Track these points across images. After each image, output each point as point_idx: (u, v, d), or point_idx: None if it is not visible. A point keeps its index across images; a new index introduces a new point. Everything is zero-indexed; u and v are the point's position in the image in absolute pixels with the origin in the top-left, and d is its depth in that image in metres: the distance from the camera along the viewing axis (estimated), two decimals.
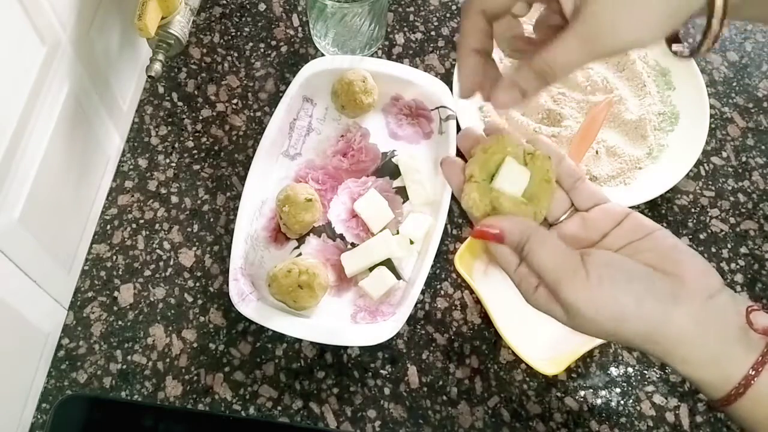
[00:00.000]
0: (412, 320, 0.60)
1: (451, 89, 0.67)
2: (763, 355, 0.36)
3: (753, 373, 0.36)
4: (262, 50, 0.73)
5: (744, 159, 0.69)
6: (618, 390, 0.59)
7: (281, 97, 0.66)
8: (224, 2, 0.75)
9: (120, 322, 0.60)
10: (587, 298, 0.37)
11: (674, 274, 0.37)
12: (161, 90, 0.70)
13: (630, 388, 0.59)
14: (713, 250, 0.65)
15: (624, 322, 0.37)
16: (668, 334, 0.36)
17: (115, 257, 0.62)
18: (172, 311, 0.61)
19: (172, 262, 0.63)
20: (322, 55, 0.72)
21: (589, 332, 0.38)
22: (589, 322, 0.37)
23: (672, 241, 0.39)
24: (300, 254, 0.62)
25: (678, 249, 0.39)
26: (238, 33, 0.74)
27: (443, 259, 0.63)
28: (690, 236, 0.65)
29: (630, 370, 0.59)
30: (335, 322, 0.59)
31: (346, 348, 0.59)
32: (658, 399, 0.58)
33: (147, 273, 0.62)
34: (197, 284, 0.62)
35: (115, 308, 0.61)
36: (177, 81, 0.71)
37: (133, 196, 0.65)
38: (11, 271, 0.51)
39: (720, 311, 0.37)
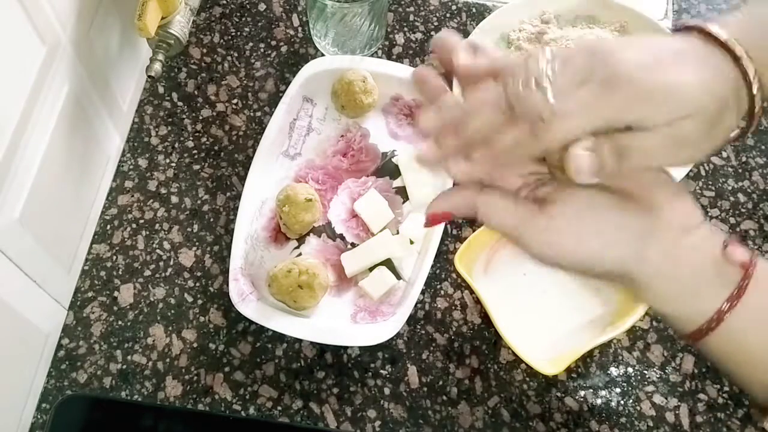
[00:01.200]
0: (412, 320, 0.60)
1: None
2: (739, 288, 0.36)
3: (726, 306, 0.35)
4: (262, 50, 0.73)
5: (744, 159, 0.69)
6: (618, 390, 0.59)
7: (281, 97, 0.66)
8: (224, 2, 0.75)
9: (120, 322, 0.60)
10: (551, 247, 0.36)
11: (651, 207, 0.36)
12: (161, 90, 0.70)
13: (630, 388, 0.59)
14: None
15: (595, 262, 0.36)
16: (642, 271, 0.36)
17: (115, 257, 0.62)
18: (172, 311, 0.61)
19: (172, 262, 0.63)
20: (322, 55, 0.72)
21: (558, 268, 0.37)
22: (556, 264, 0.37)
23: (653, 174, 0.38)
24: (300, 254, 0.62)
25: (659, 180, 0.38)
26: (238, 33, 0.74)
27: (443, 259, 0.63)
28: None
29: (630, 370, 0.59)
30: (335, 322, 0.59)
31: (346, 348, 0.59)
32: (658, 399, 0.58)
33: (147, 273, 0.62)
34: (197, 284, 0.62)
35: (115, 308, 0.61)
36: (177, 81, 0.71)
37: (133, 196, 0.65)
38: (11, 271, 0.51)
39: (696, 245, 0.36)
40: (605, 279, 0.38)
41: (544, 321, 0.59)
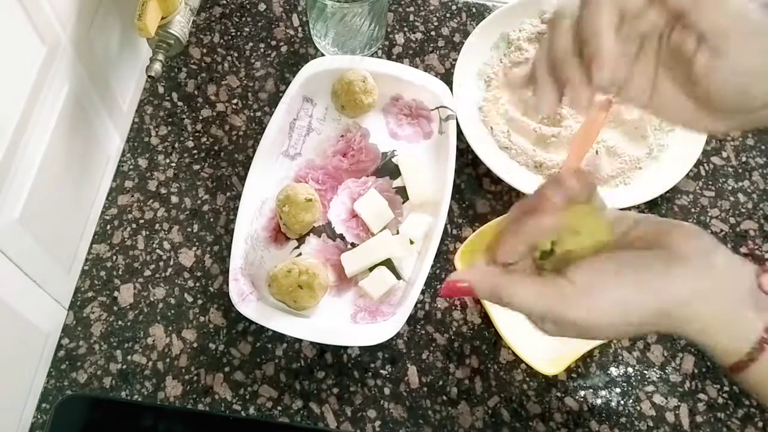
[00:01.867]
0: (412, 320, 0.60)
1: (451, 89, 0.67)
2: None
3: (767, 336, 0.35)
4: (262, 50, 0.73)
5: (744, 159, 0.69)
6: (618, 390, 0.59)
7: (281, 97, 0.66)
8: (224, 2, 0.75)
9: (120, 322, 0.60)
10: (585, 308, 0.36)
11: (665, 246, 0.37)
12: (161, 90, 0.70)
13: (630, 388, 0.59)
14: None
15: (630, 311, 0.36)
16: (676, 301, 0.36)
17: (115, 257, 0.63)
18: (172, 311, 0.61)
19: (172, 262, 0.63)
20: (322, 55, 0.72)
21: (604, 336, 0.38)
22: (598, 327, 0.37)
23: (657, 219, 0.39)
24: (300, 254, 0.62)
25: (664, 222, 0.38)
26: (238, 33, 0.74)
27: (443, 259, 0.63)
28: None
29: (630, 370, 0.59)
30: (335, 322, 0.59)
31: (346, 348, 0.59)
32: (658, 399, 0.58)
33: (147, 273, 0.62)
34: (197, 284, 0.62)
35: (115, 308, 0.61)
36: (177, 81, 0.71)
37: (133, 196, 0.65)
38: (11, 271, 0.51)
39: (724, 270, 0.36)
40: (647, 328, 0.38)
41: None
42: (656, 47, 0.36)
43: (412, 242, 0.62)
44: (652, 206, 0.66)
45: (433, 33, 0.74)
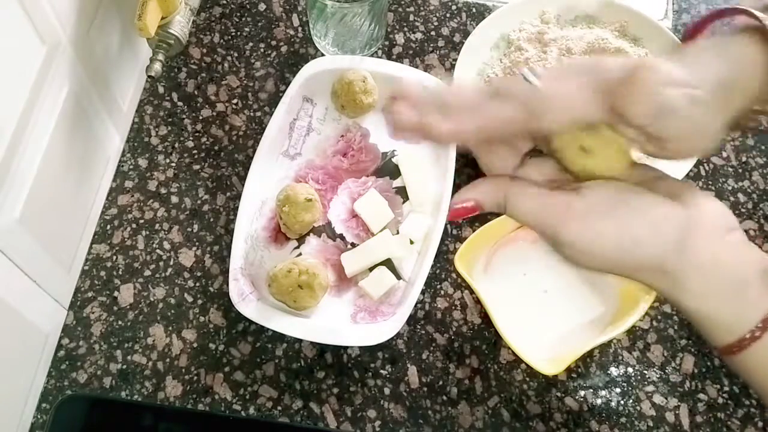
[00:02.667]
0: (412, 320, 0.60)
1: None
2: None
3: None
4: (262, 50, 0.73)
5: (744, 159, 0.69)
6: (618, 390, 0.59)
7: (281, 97, 0.66)
8: (224, 2, 0.75)
9: (120, 322, 0.60)
10: (588, 233, 0.34)
11: (688, 204, 0.35)
12: (161, 90, 0.70)
13: (630, 388, 0.59)
14: None
15: (635, 250, 0.34)
16: (683, 262, 0.34)
17: (115, 257, 0.63)
18: (172, 311, 0.61)
19: (172, 262, 0.63)
20: (322, 55, 0.72)
21: (591, 266, 0.36)
22: (592, 254, 0.35)
23: (683, 183, 0.37)
24: (300, 254, 0.62)
25: (695, 190, 0.37)
26: (238, 33, 0.74)
27: (443, 259, 0.63)
28: None
29: (630, 370, 0.59)
30: (335, 322, 0.59)
31: (346, 348, 0.59)
32: (658, 399, 0.58)
33: (147, 273, 0.62)
34: (197, 284, 0.62)
35: (115, 308, 0.61)
36: (177, 81, 0.71)
37: (133, 196, 0.65)
38: (11, 271, 0.51)
39: (739, 247, 0.35)
40: (637, 274, 0.36)
41: (544, 321, 0.59)
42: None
43: (412, 242, 0.62)
44: None
45: (433, 33, 0.74)
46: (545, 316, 0.59)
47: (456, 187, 0.64)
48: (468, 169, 0.67)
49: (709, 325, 0.36)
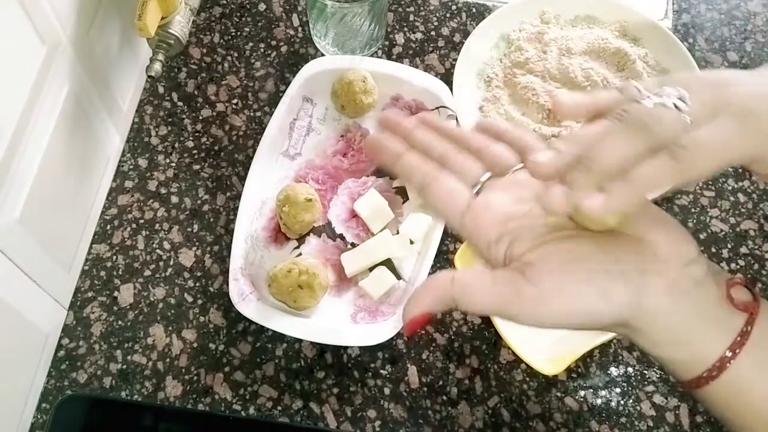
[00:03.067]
0: None
1: (451, 89, 0.67)
2: (742, 335, 0.33)
3: (729, 354, 0.33)
4: (262, 50, 0.73)
5: None
6: (618, 390, 0.59)
7: (281, 97, 0.66)
8: (224, 2, 0.75)
9: (120, 322, 0.60)
10: (542, 315, 0.33)
11: (645, 241, 0.34)
12: (161, 90, 0.70)
13: (630, 388, 0.59)
14: (713, 250, 0.65)
15: (591, 320, 0.33)
16: (640, 316, 0.33)
17: (115, 257, 0.63)
18: (172, 311, 0.61)
19: (172, 262, 0.63)
20: (322, 55, 0.72)
21: (555, 328, 0.35)
22: (554, 326, 0.34)
23: (644, 208, 0.35)
24: (300, 254, 0.62)
25: (649, 212, 0.35)
26: (238, 33, 0.74)
27: (443, 259, 0.63)
28: None
29: (630, 370, 0.59)
30: (335, 322, 0.59)
31: (346, 348, 0.59)
32: (658, 399, 0.58)
33: (147, 273, 0.62)
34: (197, 284, 0.62)
35: (115, 308, 0.61)
36: (177, 81, 0.71)
37: (133, 196, 0.65)
38: (11, 271, 0.51)
39: (696, 283, 0.34)
40: (604, 329, 0.35)
41: None
42: None
43: (412, 242, 0.62)
44: None
45: (433, 33, 0.74)
46: None
47: None
48: None
49: (669, 367, 0.36)
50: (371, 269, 0.60)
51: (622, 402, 0.58)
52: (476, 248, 0.37)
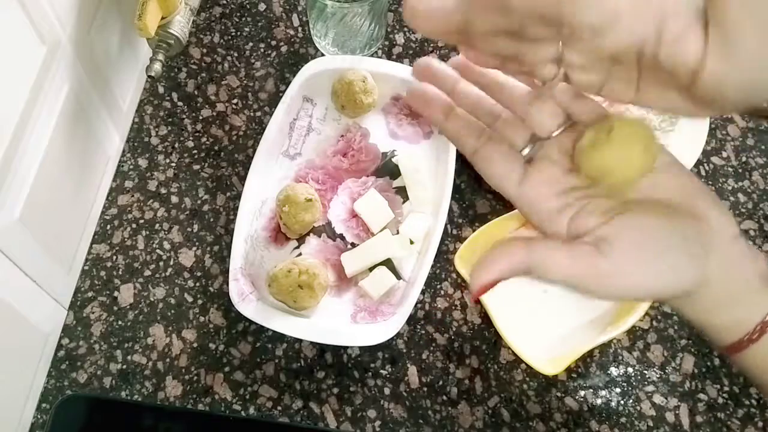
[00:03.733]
0: (412, 320, 0.60)
1: None
2: None
3: None
4: (262, 50, 0.73)
5: (744, 159, 0.69)
6: (618, 390, 0.59)
7: (281, 97, 0.66)
8: (224, 2, 0.75)
9: (120, 322, 0.60)
10: (620, 286, 0.34)
11: (700, 217, 0.35)
12: (161, 90, 0.70)
13: (630, 388, 0.59)
14: None
15: (661, 291, 0.35)
16: (697, 284, 0.35)
17: (115, 257, 0.63)
18: (172, 311, 0.61)
19: (172, 262, 0.63)
20: (322, 55, 0.72)
21: (623, 300, 0.36)
22: (624, 298, 0.36)
23: (691, 180, 0.36)
24: (300, 254, 0.62)
25: (699, 189, 0.36)
26: (238, 33, 0.74)
27: (443, 259, 0.63)
28: None
29: (630, 370, 0.59)
30: (335, 322, 0.59)
31: (346, 348, 0.59)
32: (658, 399, 0.58)
33: (147, 273, 0.62)
34: (197, 284, 0.62)
35: (115, 308, 0.61)
36: (177, 81, 0.71)
37: (133, 196, 0.65)
38: (11, 271, 0.51)
39: (742, 255, 0.36)
40: (664, 299, 0.37)
41: (544, 321, 0.59)
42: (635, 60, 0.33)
43: (412, 242, 0.62)
44: None
45: None
46: (545, 316, 0.59)
47: (456, 187, 0.64)
48: (468, 169, 0.67)
49: (708, 331, 0.37)
50: (371, 269, 0.60)
51: (622, 402, 0.58)
52: (534, 218, 0.37)
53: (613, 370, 0.59)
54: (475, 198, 0.66)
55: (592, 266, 0.34)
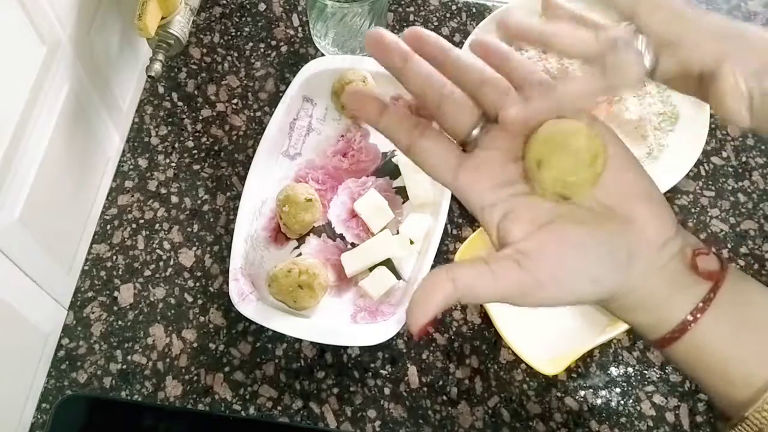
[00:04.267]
0: None
1: None
2: (704, 301, 0.35)
3: (690, 318, 0.35)
4: (262, 50, 0.73)
5: (744, 159, 0.69)
6: (618, 390, 0.59)
7: (281, 97, 0.66)
8: (224, 2, 0.75)
9: (120, 322, 0.60)
10: (542, 297, 0.35)
11: (633, 222, 0.35)
12: (161, 90, 0.70)
13: (630, 388, 0.59)
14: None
15: (582, 299, 0.36)
16: (621, 292, 0.35)
17: (115, 257, 0.63)
18: (172, 311, 0.61)
19: (172, 262, 0.63)
20: (322, 55, 0.72)
21: (549, 307, 0.36)
22: (549, 306, 0.36)
23: (636, 182, 0.36)
24: (300, 254, 0.62)
25: (642, 191, 0.36)
26: (238, 33, 0.74)
27: (443, 259, 0.63)
28: None
29: (630, 370, 0.59)
30: (335, 322, 0.59)
31: (346, 348, 0.59)
32: (658, 399, 0.58)
33: (147, 273, 0.62)
34: (197, 284, 0.62)
35: (115, 308, 0.61)
36: (177, 81, 0.71)
37: (133, 196, 0.65)
38: (11, 271, 0.51)
39: (671, 258, 0.36)
40: (585, 303, 0.37)
41: (544, 321, 0.59)
42: None
43: (412, 242, 0.62)
44: None
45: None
46: (545, 316, 0.59)
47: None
48: None
49: (635, 327, 0.38)
50: (371, 269, 0.60)
51: (622, 402, 0.58)
52: (469, 209, 0.37)
53: (613, 370, 0.59)
54: None
55: (514, 282, 0.34)
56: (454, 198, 0.64)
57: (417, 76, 0.36)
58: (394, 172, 0.65)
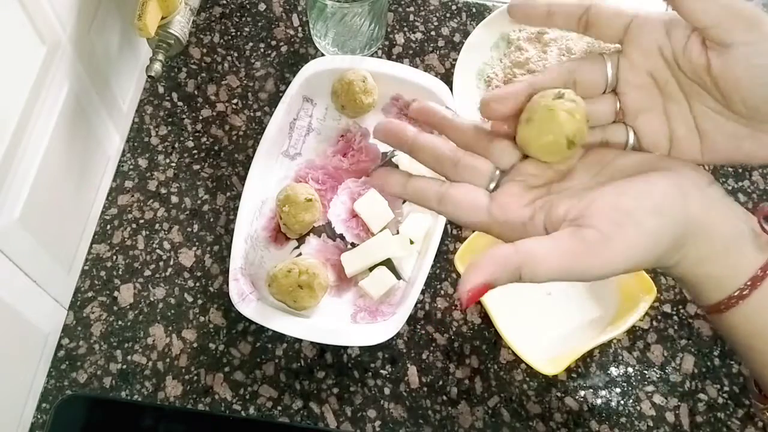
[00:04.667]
0: (412, 320, 0.60)
1: (451, 89, 0.67)
2: None
3: (761, 273, 0.34)
4: (262, 50, 0.73)
5: None
6: (618, 390, 0.59)
7: (281, 97, 0.66)
8: (224, 2, 0.75)
9: (120, 322, 0.60)
10: (612, 253, 0.33)
11: (672, 170, 0.36)
12: (161, 90, 0.70)
13: (630, 388, 0.59)
14: None
15: (655, 242, 0.34)
16: (690, 229, 0.34)
17: (115, 257, 0.63)
18: (172, 311, 0.61)
19: (172, 262, 0.63)
20: (322, 55, 0.72)
21: (625, 271, 0.35)
22: (625, 267, 0.34)
23: (653, 155, 0.37)
24: (300, 254, 0.62)
25: (665, 157, 0.37)
26: (238, 33, 0.74)
27: (443, 259, 0.63)
28: None
29: (630, 370, 0.59)
30: (335, 322, 0.59)
31: (346, 348, 0.59)
32: (658, 399, 0.58)
33: (147, 273, 0.62)
34: (197, 284, 0.62)
35: (115, 308, 0.61)
36: (177, 81, 0.71)
37: (133, 196, 0.65)
38: (11, 271, 0.51)
39: (722, 200, 0.35)
40: (663, 258, 0.36)
41: (544, 321, 0.59)
42: (676, 84, 0.36)
43: (412, 242, 0.62)
44: None
45: (433, 33, 0.74)
46: (545, 316, 0.60)
47: None
48: None
49: (699, 286, 0.36)
50: (371, 269, 0.60)
51: (622, 402, 0.58)
52: (512, 235, 0.37)
53: (613, 370, 0.59)
54: None
55: (579, 242, 0.34)
56: None
57: (426, 151, 0.39)
58: None
